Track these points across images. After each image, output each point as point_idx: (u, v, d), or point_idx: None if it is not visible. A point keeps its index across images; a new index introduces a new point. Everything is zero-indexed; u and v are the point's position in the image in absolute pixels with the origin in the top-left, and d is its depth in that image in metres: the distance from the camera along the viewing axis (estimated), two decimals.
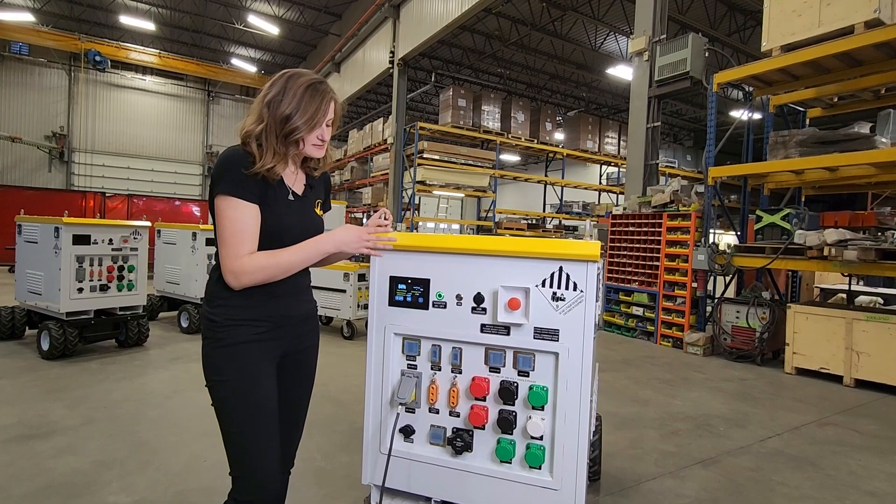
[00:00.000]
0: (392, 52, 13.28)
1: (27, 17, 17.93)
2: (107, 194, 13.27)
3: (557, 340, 1.43)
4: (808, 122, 7.27)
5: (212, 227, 1.35)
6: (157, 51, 20.37)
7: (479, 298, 1.50)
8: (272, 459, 1.33)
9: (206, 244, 5.61)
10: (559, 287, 1.42)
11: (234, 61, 21.77)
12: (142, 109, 22.00)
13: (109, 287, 4.65)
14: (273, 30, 18.22)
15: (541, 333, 1.44)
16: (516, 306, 1.44)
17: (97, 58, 18.77)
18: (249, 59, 22.07)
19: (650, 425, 3.46)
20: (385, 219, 1.61)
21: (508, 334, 1.48)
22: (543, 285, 1.44)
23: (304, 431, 1.62)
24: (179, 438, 2.88)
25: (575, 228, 17.33)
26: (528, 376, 1.48)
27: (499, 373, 1.51)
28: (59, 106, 20.91)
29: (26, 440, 2.78)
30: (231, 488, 1.33)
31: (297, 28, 18.88)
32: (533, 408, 1.46)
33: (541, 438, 1.46)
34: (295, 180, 1.44)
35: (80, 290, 4.47)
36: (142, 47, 20.14)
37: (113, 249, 4.68)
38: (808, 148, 5.57)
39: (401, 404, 1.58)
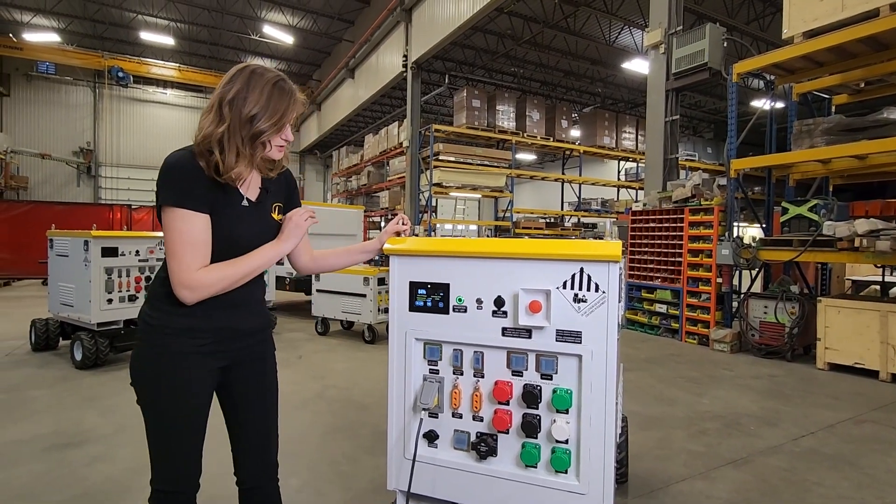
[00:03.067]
0: (405, 56, 13.34)
1: (53, 38, 18.56)
2: (133, 206, 13.62)
3: (580, 343, 1.41)
4: (833, 109, 7.07)
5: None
6: (177, 64, 20.88)
7: (499, 302, 1.50)
8: (188, 459, 1.33)
9: None
10: (580, 288, 1.40)
11: None
12: (164, 122, 22.58)
13: (137, 297, 4.75)
14: (288, 39, 18.48)
15: (563, 336, 1.43)
16: (537, 309, 1.43)
17: (120, 74, 19.34)
18: None
19: (677, 425, 3.39)
20: (403, 224, 1.62)
21: (530, 337, 1.47)
22: (564, 287, 1.42)
23: (329, 436, 1.62)
24: (208, 444, 2.93)
25: (594, 226, 17.13)
26: (551, 379, 1.46)
27: (521, 376, 1.49)
28: (85, 122, 21.62)
29: (62, 449, 2.87)
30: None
31: (310, 36, 19.13)
32: (557, 411, 1.45)
33: (566, 442, 1.44)
34: (249, 185, 1.35)
35: (110, 300, 4.59)
36: (162, 62, 20.67)
37: (140, 260, 4.79)
38: (834, 136, 5.41)
39: (424, 409, 1.58)
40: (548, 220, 16.24)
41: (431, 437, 1.60)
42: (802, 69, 6.03)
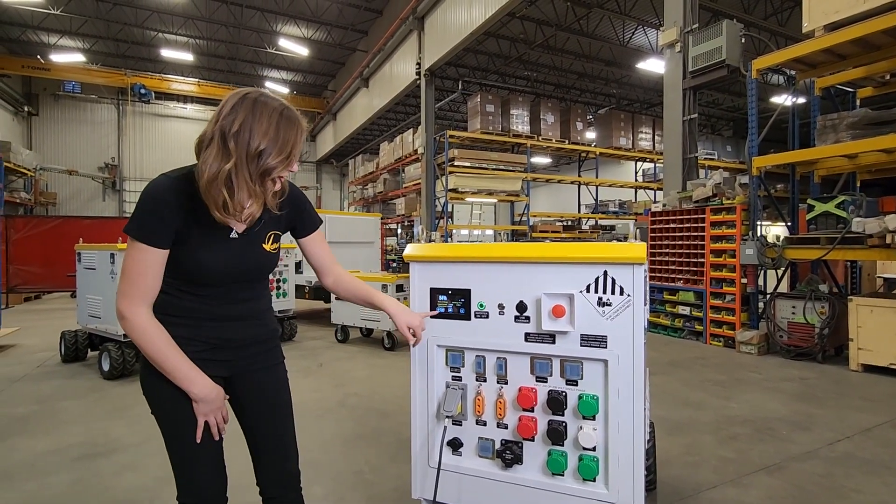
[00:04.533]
0: (418, 64, 13.43)
1: (79, 58, 19.20)
2: None
3: (606, 347, 1.38)
4: (858, 103, 6.88)
5: None
6: (196, 80, 21.40)
7: (521, 307, 1.48)
8: (206, 468, 1.33)
9: None
10: (605, 292, 1.38)
11: (268, 84, 22.58)
12: (185, 137, 23.14)
13: (272, 295, 5.04)
14: (303, 51, 18.80)
15: (588, 340, 1.40)
16: (561, 314, 1.41)
17: (142, 90, 19.91)
18: (282, 80, 22.84)
19: (706, 430, 3.31)
20: (413, 336, 1.53)
21: (554, 342, 1.45)
22: (588, 291, 1.40)
23: (351, 444, 1.61)
24: (230, 453, 2.96)
25: (612, 228, 16.94)
26: (576, 385, 1.44)
27: (546, 382, 1.47)
28: (109, 138, 22.28)
29: (92, 458, 2.92)
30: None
31: (325, 47, 19.42)
32: (584, 417, 1.42)
33: (593, 449, 1.41)
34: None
35: None
36: (182, 77, 21.21)
37: None
38: (860, 130, 5.26)
39: (447, 417, 1.56)
40: (565, 224, 16.11)
41: (455, 444, 1.58)
42: (824, 63, 5.89)
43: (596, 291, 1.39)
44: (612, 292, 1.37)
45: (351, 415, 3.66)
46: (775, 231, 13.33)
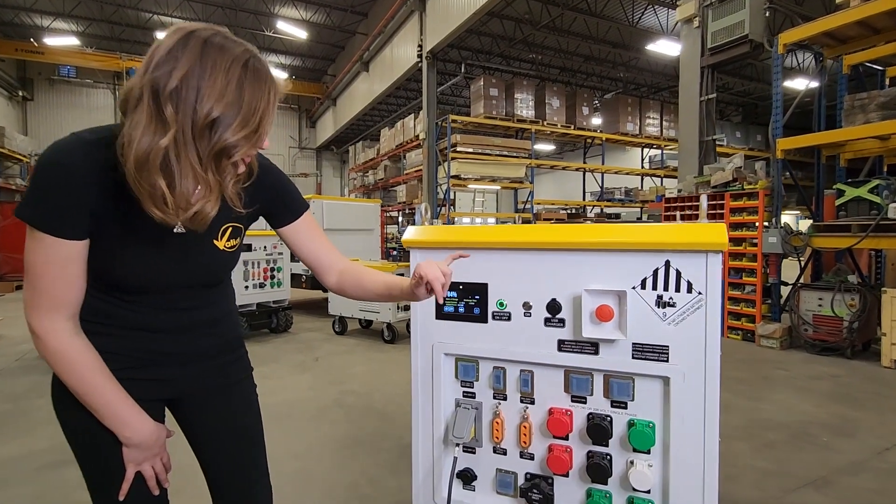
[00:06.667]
0: (420, 46, 12.98)
1: (73, 42, 18.71)
2: None
3: (667, 361, 1.06)
4: (887, 82, 6.49)
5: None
6: None
7: (554, 307, 1.15)
8: None
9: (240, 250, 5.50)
10: (667, 288, 1.05)
11: None
12: None
13: (265, 285, 5.69)
14: (301, 34, 18.28)
15: (642, 352, 1.08)
16: (608, 316, 1.08)
17: None
18: (280, 65, 22.31)
19: (736, 435, 3.00)
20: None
21: (597, 353, 1.12)
22: (644, 287, 1.07)
23: (347, 450, 1.30)
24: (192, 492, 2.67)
25: (618, 216, 16.56)
26: (625, 408, 1.11)
27: (585, 403, 1.15)
28: (105, 123, 21.85)
29: (56, 467, 2.62)
30: None
31: (324, 30, 18.91)
32: (634, 450, 1.10)
33: (648, 492, 1.09)
34: None
35: (246, 287, 5.54)
36: None
37: (266, 254, 5.68)
38: (892, 110, 4.90)
39: (457, 444, 1.24)
40: (569, 211, 15.74)
41: (467, 477, 1.27)
42: (856, 38, 5.51)
43: (655, 288, 1.06)
44: (677, 289, 1.04)
45: (347, 416, 3.37)
46: (785, 219, 12.95)
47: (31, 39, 18.04)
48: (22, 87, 19.99)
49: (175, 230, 0.92)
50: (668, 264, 1.05)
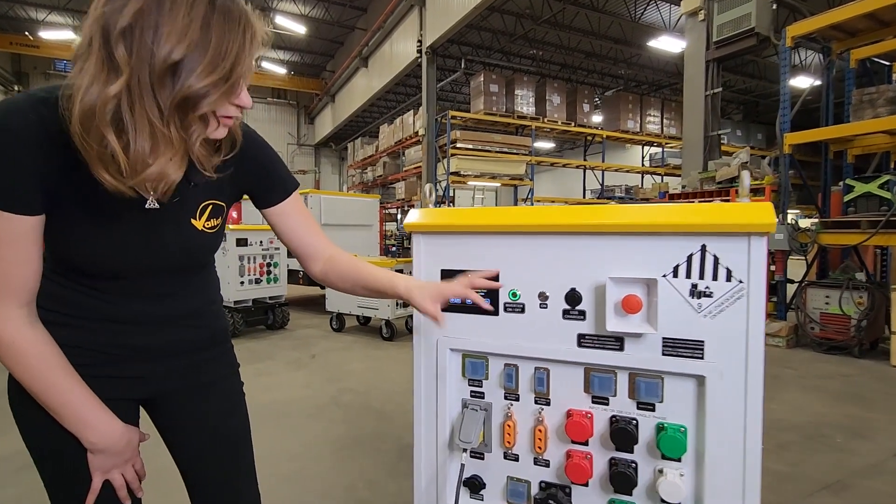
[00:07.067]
0: (419, 42, 12.84)
1: (69, 35, 18.50)
2: None
3: (702, 358, 0.94)
4: (894, 77, 6.39)
5: (240, 225, 0.92)
6: None
7: (574, 298, 1.03)
8: None
9: (237, 245, 5.35)
10: (702, 277, 0.93)
11: (264, 64, 21.87)
12: None
13: (261, 280, 5.57)
14: (300, 29, 18.14)
15: (674, 347, 0.96)
16: (635, 308, 0.96)
17: None
18: (279, 60, 22.16)
19: None
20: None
21: (622, 349, 1.00)
22: (676, 275, 0.95)
23: (345, 451, 1.18)
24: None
25: None
26: (653, 410, 1.00)
27: (607, 405, 1.03)
28: None
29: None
30: None
31: (323, 26, 18.76)
32: (664, 457, 0.98)
33: None
34: None
35: (242, 283, 5.41)
36: None
37: (263, 249, 5.54)
38: None
39: (464, 449, 1.13)
40: None
41: (475, 485, 1.15)
42: (864, 31, 5.42)
43: (688, 276, 0.94)
44: (714, 277, 0.92)
45: (345, 415, 3.26)
46: (791, 215, 12.86)
47: (27, 33, 17.86)
48: (17, 81, 19.78)
49: (147, 205, 0.80)
50: (704, 249, 0.93)
